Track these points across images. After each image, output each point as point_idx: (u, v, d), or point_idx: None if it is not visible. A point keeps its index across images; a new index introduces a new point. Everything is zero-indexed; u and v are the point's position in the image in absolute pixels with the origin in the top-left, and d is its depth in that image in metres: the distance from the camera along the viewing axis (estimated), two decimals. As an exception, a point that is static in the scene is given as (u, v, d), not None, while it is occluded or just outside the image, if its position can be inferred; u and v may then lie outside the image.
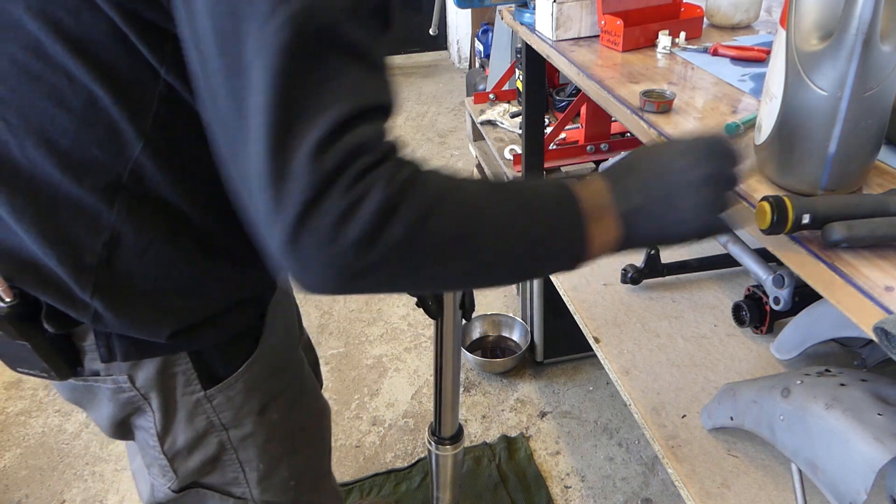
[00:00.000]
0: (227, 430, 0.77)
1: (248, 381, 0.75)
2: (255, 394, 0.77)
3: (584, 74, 1.18)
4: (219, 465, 0.79)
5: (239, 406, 0.76)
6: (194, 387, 0.72)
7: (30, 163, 0.57)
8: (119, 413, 0.75)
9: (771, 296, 1.25)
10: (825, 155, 0.70)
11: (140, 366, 0.70)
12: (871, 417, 0.87)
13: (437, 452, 1.11)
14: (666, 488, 1.61)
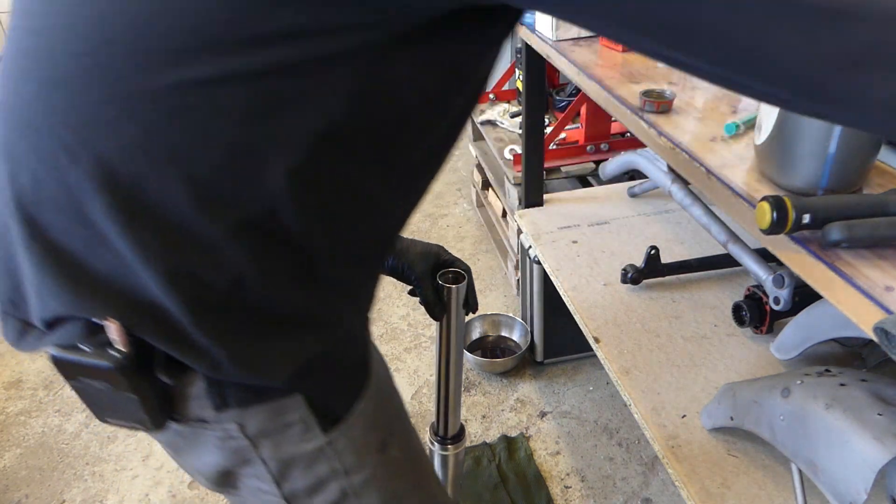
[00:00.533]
0: (348, 475, 0.70)
1: (366, 416, 0.70)
2: (375, 430, 0.71)
3: (584, 74, 1.18)
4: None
5: (361, 447, 0.70)
6: (314, 432, 0.66)
7: (164, 198, 0.53)
8: (226, 462, 0.68)
9: (771, 296, 1.25)
10: (825, 155, 0.70)
11: (252, 413, 0.63)
12: (871, 417, 0.87)
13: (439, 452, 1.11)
14: (666, 488, 1.61)
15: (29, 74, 0.54)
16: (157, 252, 0.54)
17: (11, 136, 0.55)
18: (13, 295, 0.60)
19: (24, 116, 0.54)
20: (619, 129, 2.17)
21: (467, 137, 2.77)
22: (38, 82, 0.53)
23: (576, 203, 1.88)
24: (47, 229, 0.55)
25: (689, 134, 0.93)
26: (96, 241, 0.54)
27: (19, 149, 0.55)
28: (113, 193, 0.52)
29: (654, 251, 1.47)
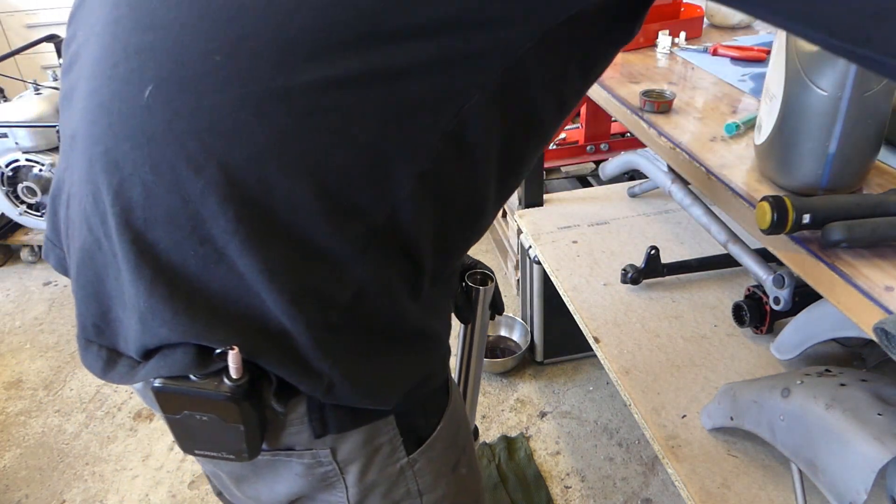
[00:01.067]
0: (422, 495, 0.68)
1: (445, 438, 0.68)
2: (452, 450, 0.69)
3: (584, 74, 1.18)
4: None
5: (438, 467, 0.68)
6: (399, 454, 0.64)
7: (292, 209, 0.49)
8: (304, 489, 0.64)
9: (771, 296, 1.25)
10: (825, 155, 0.70)
11: (347, 437, 0.60)
12: (871, 417, 0.87)
13: None
14: (666, 488, 1.61)
15: (143, 75, 0.49)
16: (281, 268, 0.49)
17: (120, 145, 0.50)
18: (99, 321, 0.56)
19: (137, 123, 0.49)
20: (619, 129, 2.17)
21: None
22: (156, 84, 0.48)
23: (576, 203, 1.88)
24: (158, 247, 0.50)
25: (689, 134, 0.93)
26: (214, 260, 0.49)
27: (129, 159, 0.49)
28: (238, 206, 0.48)
29: (654, 251, 1.47)
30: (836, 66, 0.65)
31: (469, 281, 0.96)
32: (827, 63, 0.66)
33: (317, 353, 0.52)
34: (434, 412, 0.66)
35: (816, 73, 0.67)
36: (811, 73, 0.67)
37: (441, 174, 0.52)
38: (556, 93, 0.55)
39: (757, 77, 1.08)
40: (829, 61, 0.66)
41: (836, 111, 0.67)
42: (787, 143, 0.73)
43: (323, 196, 0.48)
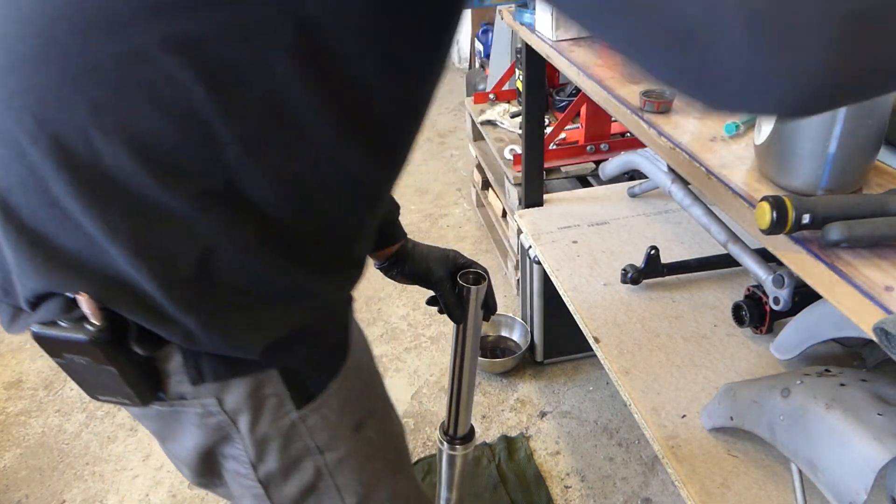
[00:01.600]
0: (322, 453, 0.72)
1: (341, 397, 0.71)
2: (350, 410, 0.72)
3: (584, 74, 1.18)
4: (315, 493, 0.74)
5: (334, 425, 0.71)
6: (287, 407, 0.67)
7: (124, 173, 0.53)
8: (206, 441, 0.69)
9: (771, 296, 1.25)
10: (825, 155, 0.70)
11: (229, 387, 0.65)
12: (871, 417, 0.87)
13: (448, 452, 1.11)
14: (666, 488, 1.61)
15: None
16: (122, 227, 0.54)
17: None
18: (4, 283, 0.62)
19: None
20: (619, 129, 2.17)
21: (467, 137, 2.77)
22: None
23: (576, 203, 1.88)
24: (18, 212, 0.56)
25: (689, 134, 0.93)
26: (63, 220, 0.55)
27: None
28: (72, 172, 0.53)
29: (654, 251, 1.47)
30: (835, 66, 0.65)
31: (461, 280, 0.96)
32: (827, 63, 0.66)
33: (168, 302, 0.57)
34: (325, 370, 0.69)
35: (816, 73, 0.67)
36: (811, 73, 0.67)
37: (269, 137, 0.54)
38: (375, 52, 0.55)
39: (757, 77, 1.08)
40: (828, 61, 0.66)
41: (836, 111, 0.67)
42: (787, 142, 0.73)
43: (149, 161, 0.52)
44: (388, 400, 0.82)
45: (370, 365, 0.79)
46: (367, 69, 0.56)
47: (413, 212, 2.87)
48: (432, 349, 2.11)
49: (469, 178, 3.02)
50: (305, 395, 0.68)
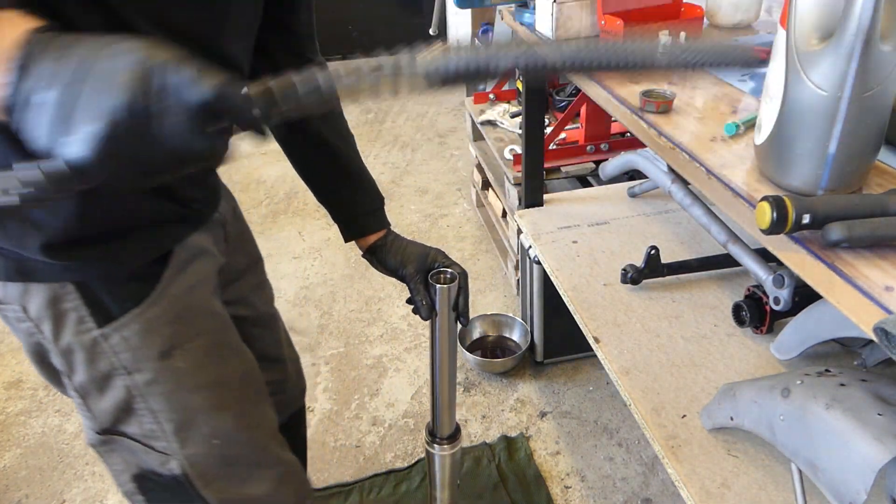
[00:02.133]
0: (130, 373, 0.78)
1: (143, 322, 0.76)
2: (154, 337, 0.77)
3: (583, 74, 1.18)
4: (133, 414, 0.80)
5: (136, 348, 0.77)
6: (88, 324, 0.74)
7: None
8: (29, 345, 0.77)
9: (771, 296, 1.25)
10: (825, 155, 0.70)
11: (30, 295, 0.72)
12: (871, 417, 0.87)
13: (435, 452, 1.11)
14: (666, 488, 1.61)
15: None
16: None
17: None
18: None
19: None
20: (619, 129, 2.17)
21: (467, 137, 2.77)
22: None
23: (576, 203, 1.88)
24: None
25: (689, 134, 0.93)
26: None
27: None
28: None
29: (654, 251, 1.47)
30: (836, 65, 0.65)
31: (432, 279, 0.96)
32: (827, 63, 0.66)
33: None
34: (128, 296, 0.75)
35: (816, 73, 0.67)
36: (811, 73, 0.67)
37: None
38: None
39: (757, 77, 1.08)
40: (829, 61, 0.66)
41: (836, 111, 0.67)
42: (787, 143, 0.73)
43: None
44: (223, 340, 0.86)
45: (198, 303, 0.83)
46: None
47: (413, 212, 2.88)
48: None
49: (469, 178, 3.02)
50: (106, 315, 0.73)
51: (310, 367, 2.05)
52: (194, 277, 0.82)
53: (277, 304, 1.16)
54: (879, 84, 0.65)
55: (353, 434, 1.81)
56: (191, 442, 0.83)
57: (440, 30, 4.65)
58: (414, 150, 3.43)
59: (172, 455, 0.83)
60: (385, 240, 1.03)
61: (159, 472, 0.84)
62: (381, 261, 1.02)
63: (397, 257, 1.00)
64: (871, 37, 0.62)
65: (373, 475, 1.68)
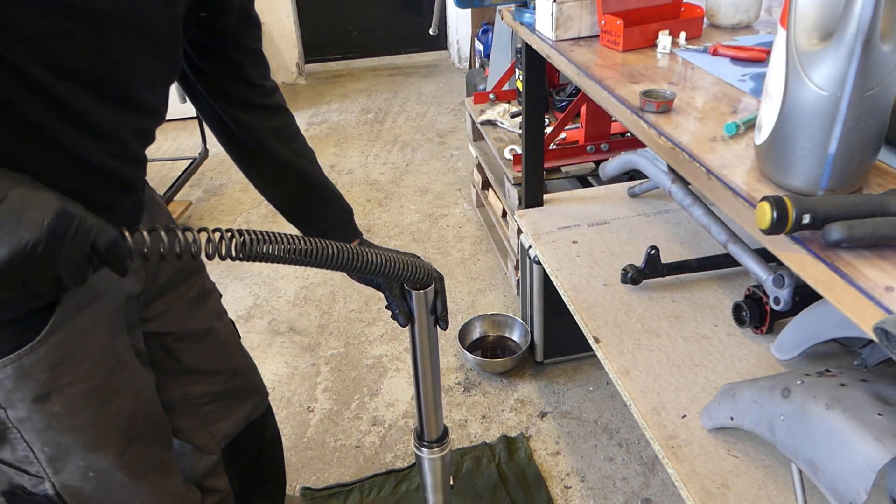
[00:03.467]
0: (3, 408, 0.79)
1: (18, 368, 0.77)
2: (29, 382, 0.78)
3: (584, 74, 1.18)
4: (7, 442, 0.81)
5: (9, 390, 0.77)
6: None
7: None
8: None
9: (771, 296, 1.25)
10: (825, 155, 0.70)
11: None
12: (871, 417, 0.87)
13: (424, 456, 1.11)
14: (666, 488, 1.61)
15: None
16: None
17: None
18: None
19: None
20: (619, 129, 2.17)
21: (467, 137, 2.77)
22: None
23: (576, 203, 1.88)
24: None
25: (689, 134, 0.93)
26: None
27: None
28: None
29: (654, 251, 1.47)
30: (836, 65, 0.65)
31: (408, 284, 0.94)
32: (827, 63, 0.66)
33: None
34: (4, 342, 0.76)
35: (816, 73, 0.67)
36: (811, 74, 0.67)
37: None
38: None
39: (757, 77, 1.08)
40: (829, 61, 0.66)
41: (836, 111, 0.67)
42: (787, 143, 0.73)
43: None
44: (111, 382, 0.86)
45: (91, 346, 0.83)
46: None
47: (413, 212, 2.87)
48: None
49: (469, 178, 3.02)
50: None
51: (310, 367, 2.05)
52: (86, 322, 0.82)
53: (277, 303, 1.16)
54: (879, 84, 0.65)
55: (353, 434, 1.81)
56: (65, 472, 0.85)
57: (440, 30, 4.66)
58: (414, 150, 3.43)
59: (45, 479, 0.85)
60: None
61: (31, 490, 0.86)
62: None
63: None
64: (871, 37, 0.62)
65: (373, 475, 1.68)
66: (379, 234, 2.70)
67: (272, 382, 1.98)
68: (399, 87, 4.29)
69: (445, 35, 4.77)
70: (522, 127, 1.72)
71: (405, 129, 3.67)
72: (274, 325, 2.21)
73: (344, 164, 3.32)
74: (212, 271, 2.52)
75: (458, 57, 4.64)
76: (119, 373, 0.88)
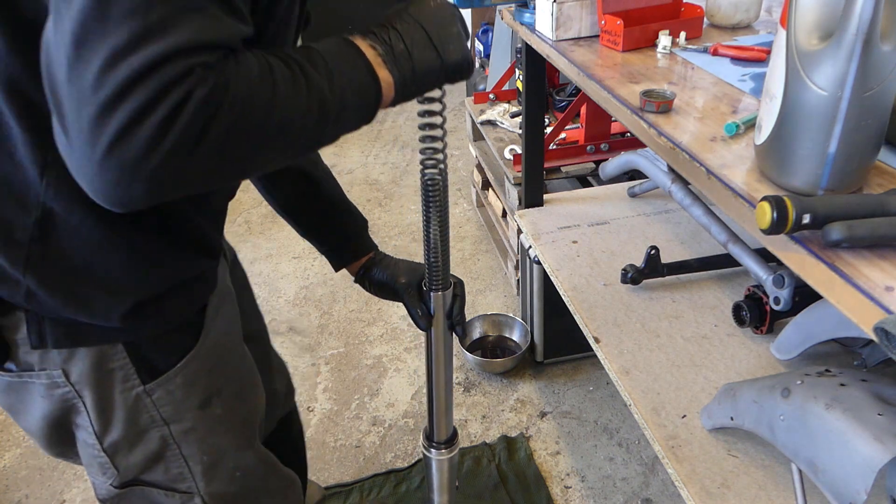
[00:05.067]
0: (168, 424, 0.78)
1: (187, 375, 0.77)
2: (196, 388, 0.78)
3: (584, 74, 1.18)
4: (162, 461, 0.80)
5: (179, 400, 0.77)
6: (133, 381, 0.73)
7: None
8: (54, 412, 0.74)
9: (771, 296, 1.25)
10: (825, 155, 0.70)
11: (74, 359, 0.70)
12: (871, 417, 0.87)
13: (432, 457, 1.11)
14: (666, 488, 1.61)
15: None
16: None
17: None
18: None
19: None
20: (619, 129, 2.17)
21: (467, 137, 2.77)
22: None
23: (576, 203, 1.88)
24: None
25: (689, 134, 0.93)
26: None
27: None
28: None
29: (654, 251, 1.47)
30: (836, 65, 0.65)
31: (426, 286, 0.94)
32: (827, 63, 0.66)
33: (7, 262, 0.63)
34: (172, 350, 0.75)
35: (816, 73, 0.67)
36: (811, 73, 0.67)
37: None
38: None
39: (757, 77, 1.08)
40: (829, 61, 0.66)
41: (836, 111, 0.67)
42: (787, 143, 0.73)
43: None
44: (245, 378, 0.88)
45: (231, 347, 0.84)
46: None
47: (413, 212, 2.87)
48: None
49: (469, 178, 3.02)
50: (151, 371, 0.73)
51: (310, 367, 2.05)
52: (226, 322, 0.83)
53: (277, 303, 1.16)
54: (879, 84, 0.65)
55: (353, 434, 1.81)
56: (217, 479, 0.84)
57: (440, 30, 4.65)
58: (414, 150, 3.43)
59: (195, 494, 0.84)
60: (374, 259, 1.04)
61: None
62: (374, 278, 1.02)
63: (388, 272, 1.01)
64: (871, 37, 0.62)
65: (373, 475, 1.68)
66: (379, 234, 2.70)
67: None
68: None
69: (445, 35, 4.76)
70: (522, 127, 1.72)
71: (405, 129, 3.67)
72: (274, 325, 2.21)
73: (344, 163, 3.32)
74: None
75: (458, 57, 4.63)
76: (249, 368, 0.90)
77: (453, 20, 0.71)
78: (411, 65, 0.69)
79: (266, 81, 0.53)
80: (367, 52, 0.66)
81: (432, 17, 0.70)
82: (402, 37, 0.69)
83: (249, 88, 0.52)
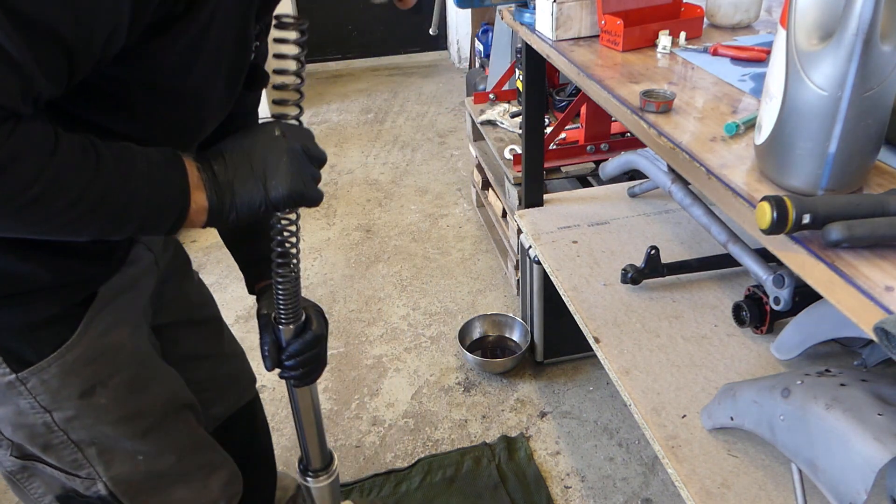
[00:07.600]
0: (49, 412, 0.79)
1: (63, 366, 0.78)
2: (73, 379, 0.79)
3: (584, 74, 1.18)
4: (53, 446, 0.82)
5: (56, 390, 0.78)
6: (3, 369, 0.75)
7: None
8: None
9: (771, 296, 1.25)
10: (825, 155, 0.70)
11: None
12: (871, 417, 0.87)
13: (310, 486, 1.09)
14: (666, 488, 1.61)
15: None
16: None
17: None
18: None
19: None
20: (619, 129, 2.17)
21: (467, 137, 2.77)
22: None
23: (576, 203, 1.88)
24: None
25: (689, 134, 0.93)
26: None
27: None
28: None
29: (654, 251, 1.47)
30: (836, 65, 0.65)
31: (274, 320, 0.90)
32: (827, 63, 0.66)
33: None
34: (45, 342, 0.77)
35: (816, 73, 0.67)
36: (811, 73, 0.67)
37: None
38: None
39: (757, 77, 1.08)
40: (829, 61, 0.66)
41: (836, 111, 0.67)
42: (787, 143, 0.73)
43: None
44: (141, 370, 0.88)
45: (120, 337, 0.85)
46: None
47: (413, 212, 2.87)
48: (432, 349, 2.11)
49: (469, 178, 3.02)
50: (20, 361, 0.76)
51: (310, 367, 2.05)
52: (115, 315, 0.84)
53: (277, 304, 1.15)
54: (879, 84, 0.65)
55: (353, 434, 1.81)
56: (115, 463, 0.86)
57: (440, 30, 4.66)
58: (414, 150, 3.43)
59: (97, 479, 0.86)
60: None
61: (84, 493, 0.87)
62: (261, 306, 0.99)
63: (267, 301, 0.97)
64: (871, 37, 0.62)
65: (373, 475, 1.68)
66: (379, 234, 2.70)
67: (272, 382, 1.98)
68: (399, 87, 4.29)
69: (445, 35, 4.77)
70: (522, 127, 1.72)
71: (405, 129, 3.67)
72: (274, 325, 2.21)
73: (344, 164, 3.32)
74: (212, 271, 2.52)
75: (458, 57, 4.63)
76: (149, 360, 0.90)
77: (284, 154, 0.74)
78: (231, 195, 0.72)
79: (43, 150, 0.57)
80: (190, 173, 0.70)
81: (261, 152, 0.74)
82: (228, 168, 0.73)
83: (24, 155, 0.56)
